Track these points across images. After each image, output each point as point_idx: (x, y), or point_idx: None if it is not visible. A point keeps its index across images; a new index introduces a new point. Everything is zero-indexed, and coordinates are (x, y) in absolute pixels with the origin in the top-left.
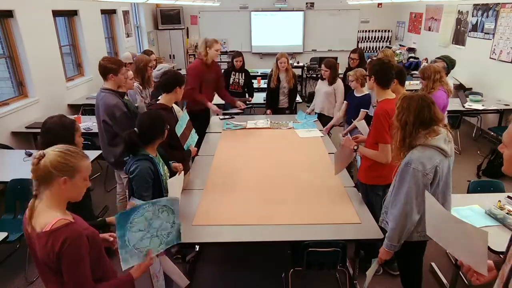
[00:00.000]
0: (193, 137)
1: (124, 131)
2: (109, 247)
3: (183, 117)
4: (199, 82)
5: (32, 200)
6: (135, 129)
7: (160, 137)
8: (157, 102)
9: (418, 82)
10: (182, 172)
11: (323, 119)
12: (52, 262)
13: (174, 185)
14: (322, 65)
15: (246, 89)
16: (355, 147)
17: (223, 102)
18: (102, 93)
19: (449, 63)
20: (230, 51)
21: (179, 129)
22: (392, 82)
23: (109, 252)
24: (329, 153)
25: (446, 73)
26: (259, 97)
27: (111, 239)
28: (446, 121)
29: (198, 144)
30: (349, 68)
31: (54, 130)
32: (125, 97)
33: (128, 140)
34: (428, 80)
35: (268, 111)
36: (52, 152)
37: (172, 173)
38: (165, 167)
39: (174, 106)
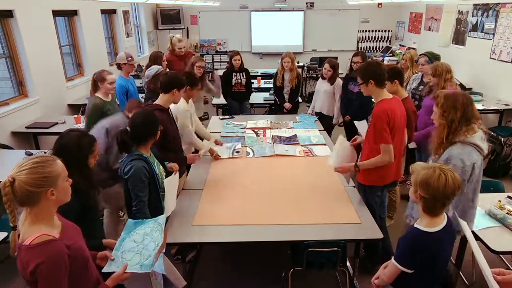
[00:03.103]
0: None
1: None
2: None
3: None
4: None
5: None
6: (127, 128)
7: (153, 137)
8: (154, 102)
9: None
10: (178, 172)
11: (322, 118)
12: (27, 276)
13: (170, 185)
14: (326, 64)
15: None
16: (357, 169)
17: (224, 102)
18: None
19: (432, 59)
20: (229, 51)
21: None
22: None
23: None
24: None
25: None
26: (259, 97)
27: (112, 258)
28: None
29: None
30: (351, 71)
31: (68, 150)
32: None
33: (119, 138)
34: (439, 78)
35: (287, 105)
36: (21, 173)
37: (168, 173)
38: (160, 166)
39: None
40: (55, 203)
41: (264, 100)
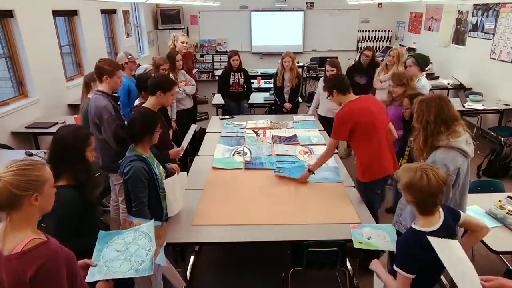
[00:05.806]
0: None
1: (107, 134)
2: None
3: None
4: None
5: None
6: (125, 122)
7: (149, 138)
8: (142, 104)
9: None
10: (179, 172)
11: (330, 122)
12: (25, 285)
13: (170, 185)
14: (327, 65)
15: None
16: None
17: (222, 102)
18: (95, 95)
19: (421, 61)
20: (229, 51)
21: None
22: (349, 87)
23: None
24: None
25: (421, 71)
26: (259, 97)
27: (94, 264)
28: None
29: (197, 144)
30: (359, 63)
31: (65, 141)
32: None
33: (114, 132)
34: (405, 86)
35: (287, 105)
36: (7, 173)
37: (169, 174)
38: (160, 167)
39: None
40: (38, 210)
41: (264, 100)
